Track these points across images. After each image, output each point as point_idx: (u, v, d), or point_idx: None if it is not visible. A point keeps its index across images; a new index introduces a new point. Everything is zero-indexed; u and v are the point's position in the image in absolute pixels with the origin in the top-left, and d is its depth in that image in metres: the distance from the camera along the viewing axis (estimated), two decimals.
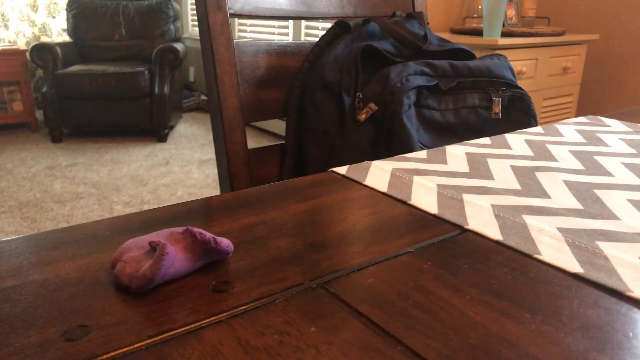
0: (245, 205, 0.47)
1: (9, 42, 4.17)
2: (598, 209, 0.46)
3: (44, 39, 4.33)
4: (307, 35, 3.40)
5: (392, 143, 0.74)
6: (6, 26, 4.15)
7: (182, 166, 3.14)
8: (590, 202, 0.48)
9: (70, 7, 4.01)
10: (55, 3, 4.35)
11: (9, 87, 3.72)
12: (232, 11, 0.83)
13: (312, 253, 0.39)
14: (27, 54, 3.90)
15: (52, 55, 3.54)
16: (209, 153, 3.41)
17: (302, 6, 0.91)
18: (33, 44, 4.07)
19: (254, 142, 3.63)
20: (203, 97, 4.63)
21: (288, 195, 0.50)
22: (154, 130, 3.67)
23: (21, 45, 4.21)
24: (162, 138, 3.65)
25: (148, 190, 2.74)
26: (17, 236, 0.40)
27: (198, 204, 0.48)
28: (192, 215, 0.45)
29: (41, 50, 3.52)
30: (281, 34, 3.63)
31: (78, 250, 0.38)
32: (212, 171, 3.07)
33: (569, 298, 0.34)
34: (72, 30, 4.00)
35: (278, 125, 3.76)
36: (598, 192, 0.50)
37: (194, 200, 0.48)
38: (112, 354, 0.27)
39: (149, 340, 0.28)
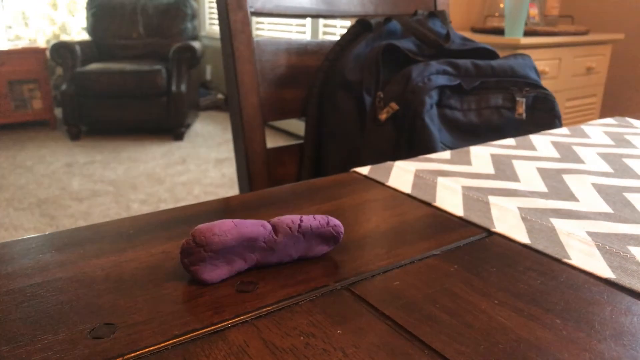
0: (267, 205, 0.47)
1: (29, 40, 4.22)
2: (628, 213, 0.45)
3: (64, 38, 4.39)
4: (325, 33, 3.39)
5: (413, 143, 0.73)
6: (26, 24, 4.21)
7: (198, 165, 3.16)
8: (620, 206, 0.47)
9: (89, 6, 4.05)
10: (75, 2, 4.40)
11: (28, 85, 3.78)
12: (252, 9, 0.83)
13: (336, 254, 0.38)
14: (47, 52, 3.95)
15: (71, 54, 3.58)
16: (226, 152, 3.42)
17: (323, 4, 0.91)
18: (53, 42, 4.12)
19: (271, 142, 3.63)
20: (220, 95, 4.65)
21: (310, 195, 0.50)
22: (171, 128, 3.69)
23: (41, 43, 4.26)
24: (178, 136, 3.67)
25: (165, 189, 2.76)
26: (42, 233, 0.40)
27: (219, 203, 0.47)
28: (214, 215, 0.45)
29: (61, 49, 3.56)
30: (299, 32, 3.63)
31: (102, 248, 0.38)
32: (229, 170, 3.08)
33: (600, 304, 0.33)
34: (92, 28, 4.04)
35: (296, 125, 3.76)
36: (628, 195, 0.49)
37: (215, 200, 0.48)
38: (139, 352, 0.27)
39: (175, 340, 0.28)
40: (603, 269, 0.36)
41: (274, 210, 0.46)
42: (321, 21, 3.37)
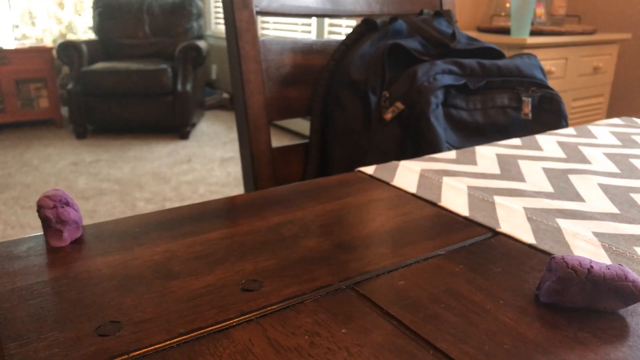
0: (272, 204, 0.47)
1: (36, 39, 4.24)
2: (635, 214, 0.45)
3: (70, 37, 4.41)
4: (330, 33, 3.39)
5: (418, 143, 0.73)
6: (33, 24, 4.23)
7: (204, 164, 3.16)
8: (626, 207, 0.46)
9: (96, 5, 4.07)
10: (81, 1, 4.42)
11: (35, 84, 3.79)
12: (258, 9, 0.83)
13: (341, 254, 0.38)
14: (54, 51, 3.97)
15: (77, 53, 3.60)
16: (231, 151, 3.43)
17: (328, 4, 0.91)
18: (59, 41, 4.14)
19: (276, 141, 3.63)
20: (225, 94, 4.66)
21: (315, 194, 0.50)
22: (177, 127, 3.70)
23: (48, 42, 4.28)
24: (184, 136, 3.68)
25: (170, 188, 2.77)
26: None
27: (225, 202, 0.48)
28: (219, 213, 0.45)
29: (67, 48, 3.58)
30: (304, 31, 3.63)
31: (109, 246, 0.38)
32: (234, 169, 3.08)
33: None
34: (98, 27, 4.05)
35: (301, 125, 3.76)
36: (634, 196, 0.49)
37: (220, 199, 0.48)
38: (144, 350, 0.27)
39: (180, 338, 0.28)
40: None
41: (278, 209, 0.46)
42: (327, 21, 3.37)
